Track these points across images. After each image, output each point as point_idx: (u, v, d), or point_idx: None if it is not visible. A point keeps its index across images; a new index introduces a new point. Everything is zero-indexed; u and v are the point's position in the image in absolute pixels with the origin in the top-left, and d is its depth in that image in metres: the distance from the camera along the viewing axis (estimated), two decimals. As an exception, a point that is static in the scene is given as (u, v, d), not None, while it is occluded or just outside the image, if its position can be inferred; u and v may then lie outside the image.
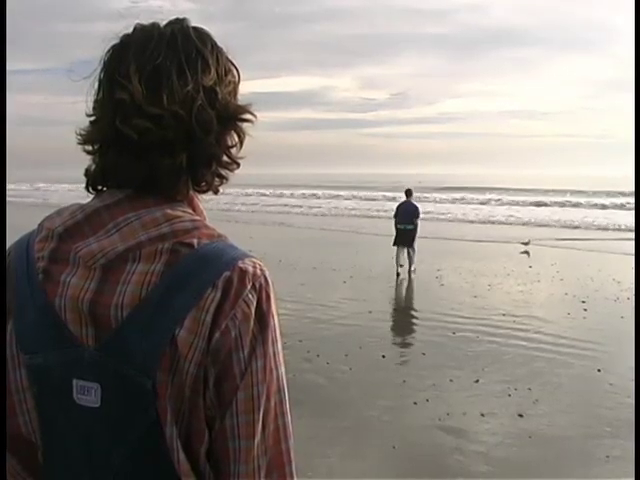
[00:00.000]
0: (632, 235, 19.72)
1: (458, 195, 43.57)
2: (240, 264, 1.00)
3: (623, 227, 23.00)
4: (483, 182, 61.66)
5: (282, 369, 1.05)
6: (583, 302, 11.08)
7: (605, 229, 23.21)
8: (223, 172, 1.09)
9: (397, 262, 13.87)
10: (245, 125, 1.09)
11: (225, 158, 1.08)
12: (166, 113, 0.99)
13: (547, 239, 20.81)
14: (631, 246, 17.79)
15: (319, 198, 45.07)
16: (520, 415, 5.99)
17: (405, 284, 13.16)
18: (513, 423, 5.85)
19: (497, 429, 5.73)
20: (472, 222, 25.04)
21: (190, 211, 1.05)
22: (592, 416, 6.03)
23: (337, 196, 46.21)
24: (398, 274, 13.64)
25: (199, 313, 0.96)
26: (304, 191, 51.57)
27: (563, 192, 45.46)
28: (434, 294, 11.92)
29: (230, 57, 1.11)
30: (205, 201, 1.14)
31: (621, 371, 7.13)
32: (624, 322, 9.51)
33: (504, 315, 10.76)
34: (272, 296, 1.03)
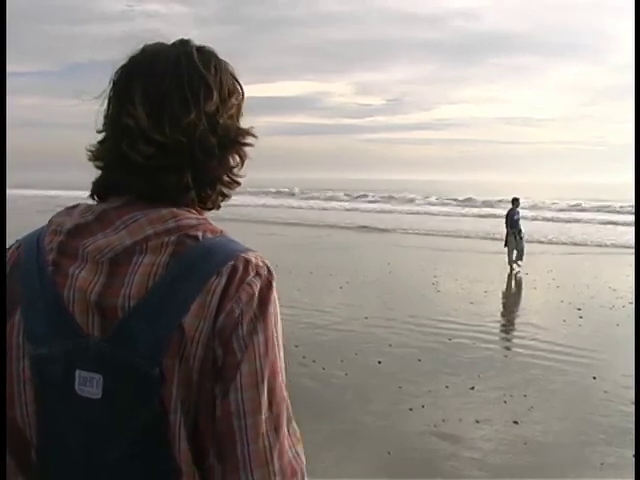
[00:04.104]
0: (623, 251, 19.67)
1: (456, 207, 42.83)
2: (244, 255, 1.04)
3: (619, 244, 22.28)
4: (480, 190, 61.61)
5: (281, 354, 1.06)
6: (579, 309, 11.10)
7: (599, 245, 22.80)
8: (225, 191, 1.15)
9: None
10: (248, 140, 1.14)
11: (227, 178, 1.13)
12: (169, 141, 1.04)
13: (541, 253, 20.84)
14: (627, 257, 17.85)
15: (319, 208, 44.78)
16: (515, 422, 5.99)
17: (402, 290, 13.17)
18: (508, 430, 5.85)
19: (492, 436, 5.73)
20: (468, 236, 24.82)
21: (194, 211, 1.10)
22: (587, 423, 6.04)
23: (331, 206, 45.81)
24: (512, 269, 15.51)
25: (205, 297, 1.00)
26: (298, 196, 51.55)
27: (560, 201, 45.11)
28: (430, 300, 11.94)
29: (234, 74, 1.15)
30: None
31: (616, 379, 7.14)
32: (620, 330, 9.55)
33: (500, 322, 10.79)
34: (274, 285, 1.07)
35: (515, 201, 16.78)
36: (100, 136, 1.11)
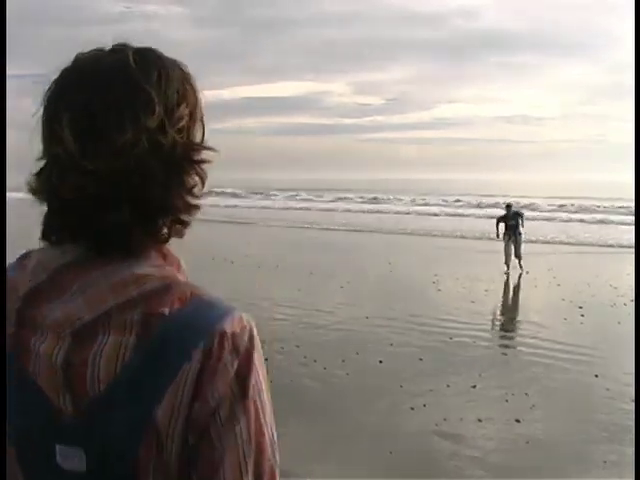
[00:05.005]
0: (624, 250, 19.63)
1: (456, 207, 42.75)
2: (218, 327, 0.92)
3: (620, 243, 22.10)
4: (480, 189, 61.66)
5: (267, 419, 0.94)
6: (580, 307, 11.10)
7: (600, 244, 22.63)
8: (184, 217, 0.97)
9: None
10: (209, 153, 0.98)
11: (182, 203, 0.95)
12: (101, 167, 0.90)
13: (541, 251, 20.84)
14: (627, 256, 17.85)
15: (313, 209, 44.71)
16: (517, 420, 5.99)
17: (400, 290, 13.17)
18: (510, 428, 5.85)
19: (494, 434, 5.73)
20: (468, 236, 24.76)
21: (159, 263, 0.95)
22: (589, 421, 6.04)
23: (331, 206, 45.79)
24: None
25: (177, 387, 0.90)
26: (298, 196, 51.55)
27: (560, 200, 44.92)
28: (431, 300, 11.94)
29: (189, 76, 0.99)
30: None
31: (618, 376, 7.14)
32: (621, 327, 9.54)
33: (501, 320, 10.80)
34: (255, 353, 0.94)
35: (508, 207, 16.62)
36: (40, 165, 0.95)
